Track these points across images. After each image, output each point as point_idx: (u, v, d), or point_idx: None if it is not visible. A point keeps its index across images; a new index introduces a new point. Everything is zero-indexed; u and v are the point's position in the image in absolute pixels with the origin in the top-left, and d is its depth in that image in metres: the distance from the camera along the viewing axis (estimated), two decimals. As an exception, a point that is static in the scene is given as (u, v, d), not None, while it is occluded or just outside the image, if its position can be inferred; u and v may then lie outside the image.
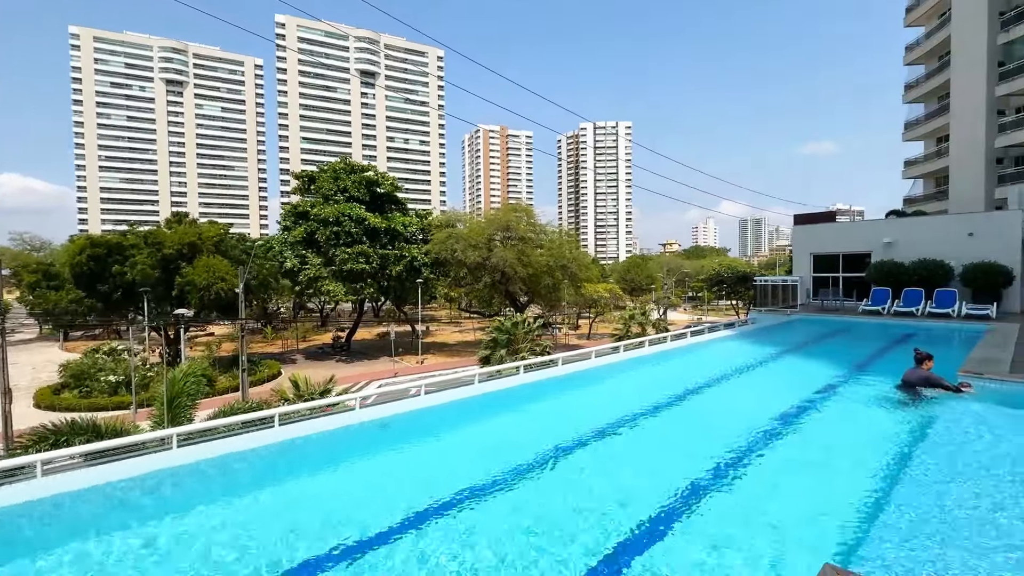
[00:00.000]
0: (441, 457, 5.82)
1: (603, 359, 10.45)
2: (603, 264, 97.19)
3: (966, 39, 30.95)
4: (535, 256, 37.49)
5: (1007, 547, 3.41)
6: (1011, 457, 5.17)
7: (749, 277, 51.78)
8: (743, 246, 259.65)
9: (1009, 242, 17.27)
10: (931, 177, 37.11)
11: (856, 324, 16.16)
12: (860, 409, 7.33)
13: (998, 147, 29.65)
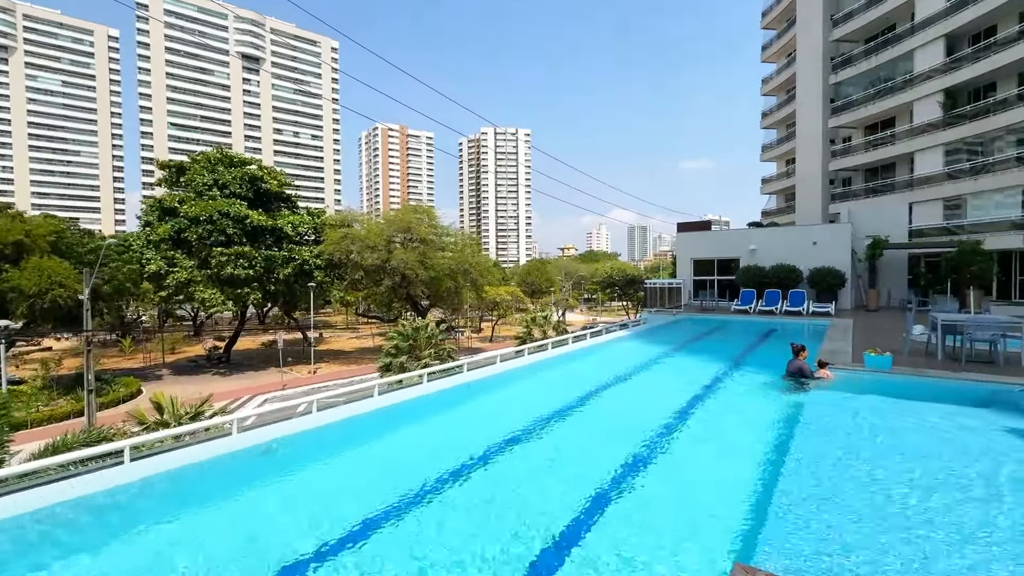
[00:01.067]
0: (336, 484, 5.19)
1: (508, 363, 10.34)
2: (504, 267, 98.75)
3: (806, 78, 36.31)
4: (437, 259, 36.79)
5: (879, 516, 3.81)
6: (867, 435, 5.94)
7: (637, 280, 55.98)
8: (631, 251, 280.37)
9: (842, 250, 20.43)
10: (782, 193, 42.96)
11: (730, 322, 17.98)
12: (744, 399, 8.05)
13: (831, 170, 35.17)
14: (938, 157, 27.82)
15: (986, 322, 9.58)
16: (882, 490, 4.43)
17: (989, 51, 25.19)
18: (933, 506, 4.11)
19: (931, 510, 4.04)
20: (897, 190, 30.09)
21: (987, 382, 7.79)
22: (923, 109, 28.57)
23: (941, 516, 3.91)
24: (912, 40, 28.87)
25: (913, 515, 3.95)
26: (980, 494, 4.32)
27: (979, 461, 5.08)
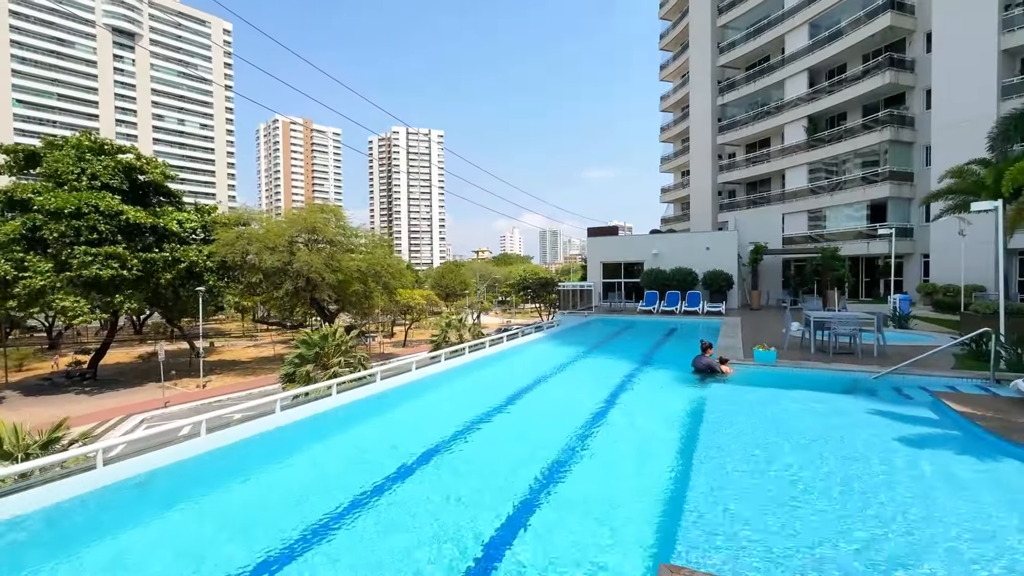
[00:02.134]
0: (229, 521, 4.57)
1: (425, 370, 9.99)
2: (418, 270, 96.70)
3: (698, 98, 39.79)
4: (346, 261, 34.89)
5: (786, 499, 4.12)
6: (764, 424, 6.49)
7: (550, 282, 57.57)
8: (543, 254, 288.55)
9: (730, 255, 22.53)
10: (679, 202, 46.71)
11: (636, 322, 19.03)
12: (658, 395, 8.47)
13: (719, 183, 38.83)
14: (803, 175, 31.87)
15: (847, 318, 11.04)
16: (784, 475, 4.83)
17: (841, 85, 29.34)
18: (825, 481, 4.60)
19: (824, 484, 4.51)
20: (772, 202, 34.00)
21: (850, 371, 8.96)
22: (791, 132, 32.59)
23: (834, 488, 4.38)
24: (782, 71, 32.81)
25: (810, 492, 4.36)
26: (856, 468, 4.88)
27: (852, 440, 5.76)
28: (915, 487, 4.52)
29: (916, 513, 4.04)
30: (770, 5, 33.89)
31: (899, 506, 4.15)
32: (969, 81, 23.18)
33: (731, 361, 9.50)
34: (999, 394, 7.33)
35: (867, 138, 27.73)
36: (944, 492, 4.47)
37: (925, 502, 4.24)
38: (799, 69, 31.49)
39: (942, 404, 6.84)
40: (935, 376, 8.47)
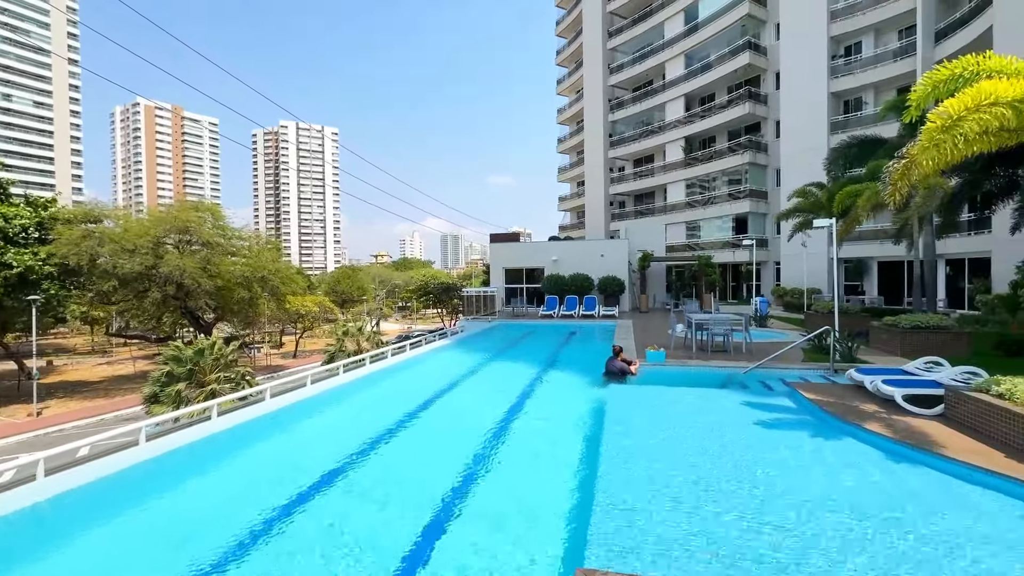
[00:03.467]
0: None
1: (321, 384, 9.31)
2: (310, 275, 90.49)
3: (592, 114, 42.30)
4: (226, 265, 31.49)
5: (677, 492, 4.45)
6: (661, 421, 6.99)
7: (452, 287, 57.25)
8: (445, 259, 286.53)
9: (622, 262, 24.19)
10: (575, 211, 49.19)
11: (539, 326, 19.60)
12: (562, 397, 8.74)
13: (611, 194, 41.56)
14: (682, 189, 35.34)
15: (720, 319, 12.39)
16: (683, 467, 5.24)
17: (711, 112, 33.06)
18: (718, 470, 5.12)
19: (718, 474, 4.99)
20: (657, 213, 37.20)
21: (725, 367, 10.05)
22: (672, 151, 35.97)
23: (726, 477, 4.84)
24: (664, 95, 36.13)
25: (709, 485, 4.76)
26: (738, 454, 5.46)
27: (732, 429, 6.43)
28: (779, 463, 5.22)
29: (781, 483, 4.79)
30: (652, 34, 37.22)
31: (769, 480, 4.86)
32: (807, 116, 27.46)
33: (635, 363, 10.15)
34: (837, 382, 8.70)
35: (732, 160, 31.57)
36: (800, 465, 5.29)
37: (787, 473, 5.06)
38: (677, 94, 34.95)
39: (796, 393, 7.94)
40: (790, 369, 9.82)
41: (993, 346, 11.74)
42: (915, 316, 12.00)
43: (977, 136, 4.97)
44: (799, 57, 27.91)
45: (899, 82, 24.79)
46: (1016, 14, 17.76)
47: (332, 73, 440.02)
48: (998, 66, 5.87)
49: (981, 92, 4.95)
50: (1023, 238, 13.84)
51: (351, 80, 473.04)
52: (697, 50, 33.71)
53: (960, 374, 7.26)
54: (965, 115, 4.82)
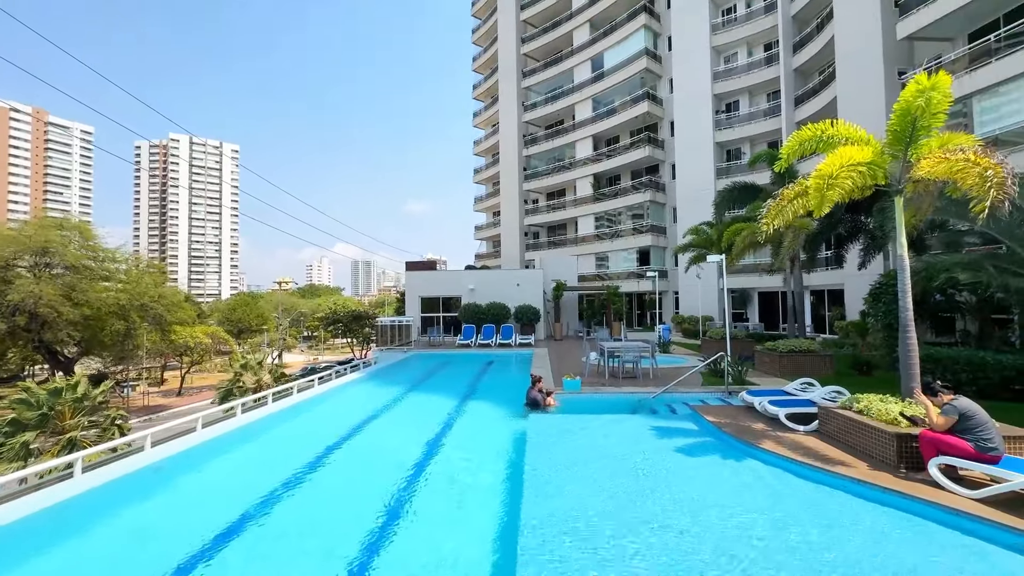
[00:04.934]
0: None
1: (214, 428, 8.37)
2: (201, 302, 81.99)
3: (507, 148, 43.75)
4: (97, 291, 27.55)
5: (598, 521, 4.53)
6: (579, 449, 7.13)
7: (363, 315, 54.88)
8: (355, 286, 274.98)
9: (537, 291, 24.87)
10: (491, 240, 49.94)
11: (456, 356, 19.37)
12: (482, 431, 8.61)
13: (526, 225, 42.87)
14: (591, 222, 37.42)
15: (630, 347, 13.12)
16: (603, 494, 5.36)
17: (616, 153, 35.71)
18: (635, 493, 5.25)
19: (635, 496, 5.13)
20: (568, 245, 38.92)
21: (635, 393, 10.61)
22: (581, 186, 38.13)
23: (642, 497, 5.01)
24: (574, 134, 38.44)
25: (630, 508, 4.89)
26: (652, 476, 5.72)
27: (644, 452, 6.75)
28: (685, 482, 5.55)
29: (687, 499, 5.19)
30: (563, 78, 39.77)
31: (678, 497, 5.22)
32: (697, 162, 30.70)
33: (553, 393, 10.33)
34: (732, 403, 9.55)
35: (635, 197, 34.18)
36: (702, 481, 5.67)
37: (692, 490, 5.41)
38: (586, 135, 37.39)
39: (698, 416, 8.58)
40: (692, 392, 10.62)
41: (850, 366, 13.64)
42: (790, 341, 13.63)
43: (846, 190, 5.91)
44: (689, 110, 31.32)
45: (769, 137, 28.72)
46: (852, 88, 21.54)
47: (237, 90, 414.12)
48: (844, 132, 7.05)
49: (844, 155, 5.93)
50: (868, 273, 16.41)
51: (259, 99, 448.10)
52: (603, 96, 36.51)
53: (828, 393, 8.33)
54: (839, 173, 5.75)
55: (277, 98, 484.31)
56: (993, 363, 9.33)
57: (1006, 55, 15.32)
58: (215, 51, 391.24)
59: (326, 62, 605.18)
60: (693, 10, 31.06)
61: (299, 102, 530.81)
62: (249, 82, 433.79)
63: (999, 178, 5.28)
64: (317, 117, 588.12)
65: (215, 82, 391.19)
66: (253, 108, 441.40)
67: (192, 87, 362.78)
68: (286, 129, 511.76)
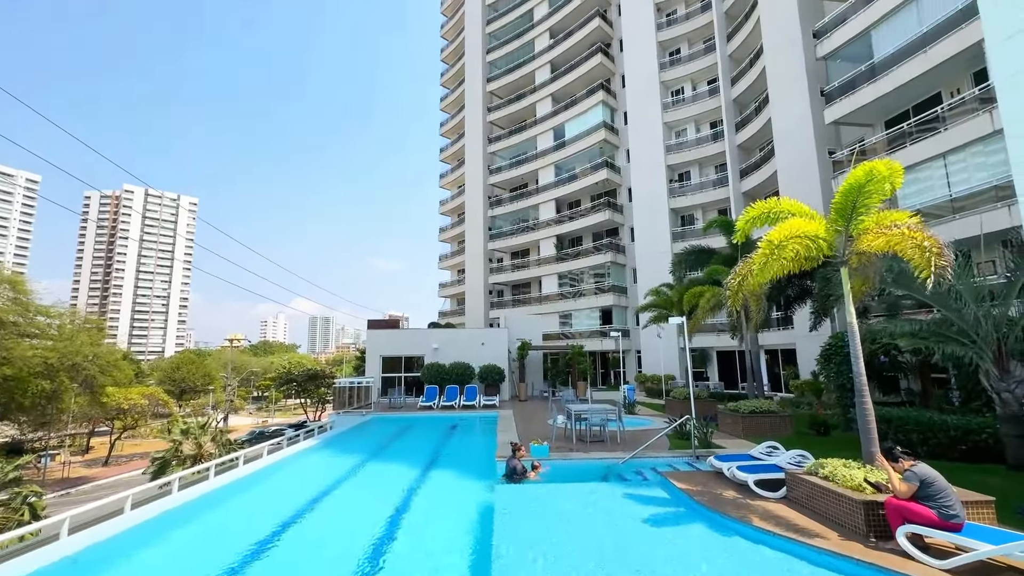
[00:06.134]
0: None
1: (144, 511, 7.51)
2: (141, 360, 76.65)
3: (473, 208, 44.80)
4: (21, 350, 25.32)
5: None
6: (551, 524, 6.77)
7: (320, 375, 52.38)
8: (312, 343, 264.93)
9: (502, 350, 24.63)
10: (455, 298, 49.83)
11: (418, 419, 18.57)
12: (446, 504, 8.07)
13: (490, 283, 43.18)
14: (555, 282, 38.11)
15: (596, 409, 12.99)
16: None
17: (578, 216, 37.15)
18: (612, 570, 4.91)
19: None
20: (533, 303, 39.28)
21: (604, 459, 10.38)
22: (545, 246, 39.14)
23: None
24: (537, 197, 39.92)
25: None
26: (624, 555, 5.45)
27: (616, 526, 6.49)
28: (663, 562, 5.31)
29: None
30: (527, 145, 41.84)
31: None
32: (654, 226, 32.28)
33: (504, 457, 9.94)
34: (701, 468, 9.46)
35: (596, 258, 35.29)
36: (679, 559, 5.41)
37: (670, 569, 5.07)
38: (549, 198, 38.91)
39: (668, 483, 8.42)
40: (660, 457, 10.49)
41: (808, 426, 13.94)
42: (751, 402, 13.88)
43: (792, 259, 6.27)
44: (645, 178, 33.32)
45: (719, 204, 30.74)
46: (789, 164, 23.59)
47: (197, 139, 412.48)
48: (790, 207, 7.60)
49: (792, 226, 6.36)
50: (818, 335, 17.24)
51: (222, 153, 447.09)
52: (565, 162, 38.47)
53: (793, 457, 8.40)
54: (785, 242, 6.11)
55: (241, 152, 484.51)
56: (940, 423, 9.74)
57: (919, 140, 17.30)
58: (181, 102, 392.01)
59: (297, 119, 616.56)
60: (645, 90, 33.86)
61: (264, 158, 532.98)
62: (212, 134, 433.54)
63: (937, 249, 5.75)
64: (281, 172, 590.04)
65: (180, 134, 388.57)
66: (215, 161, 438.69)
67: (151, 137, 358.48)
68: (248, 183, 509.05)
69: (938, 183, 16.89)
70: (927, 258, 5.61)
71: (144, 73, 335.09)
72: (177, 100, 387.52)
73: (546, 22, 40.86)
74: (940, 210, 16.51)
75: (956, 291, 9.40)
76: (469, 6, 48.26)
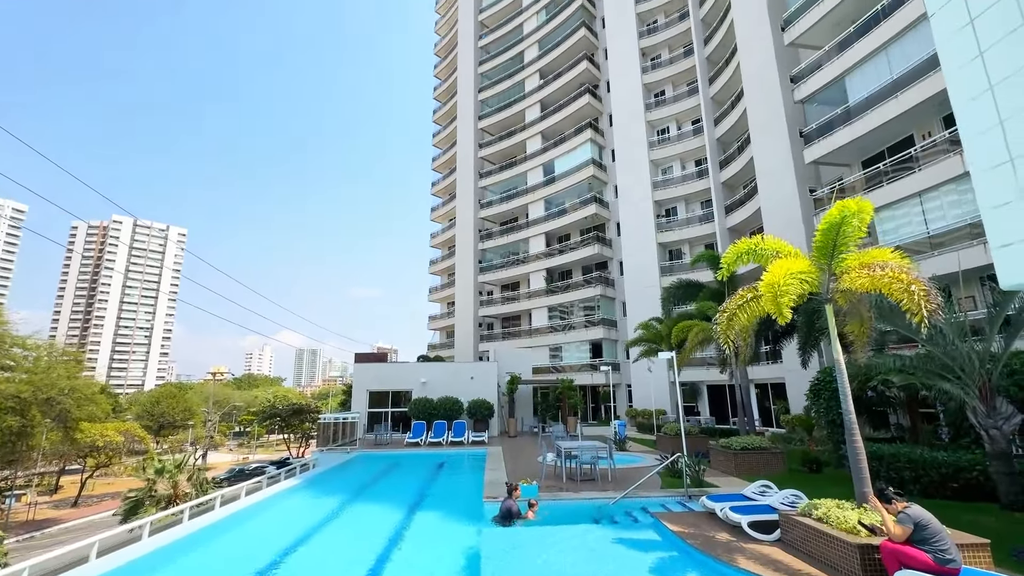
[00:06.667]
0: None
1: (112, 559, 7.12)
2: (120, 394, 74.31)
3: (463, 242, 45.10)
4: (-8, 384, 24.45)
5: None
6: (559, 571, 6.51)
7: (305, 409, 51.03)
8: (298, 376, 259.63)
9: (491, 384, 24.31)
10: (444, 330, 49.47)
11: (404, 457, 18.06)
12: (434, 550, 7.73)
13: (480, 316, 43.03)
14: (545, 315, 38.08)
15: (587, 447, 12.75)
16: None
17: (567, 250, 37.55)
18: None
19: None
20: (523, 336, 39.09)
21: (595, 499, 10.11)
22: (535, 279, 39.30)
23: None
24: (527, 231, 40.36)
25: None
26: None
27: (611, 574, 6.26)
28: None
29: None
30: (517, 180, 42.60)
31: None
32: (643, 260, 32.66)
33: (498, 497, 9.65)
34: (693, 508, 9.24)
35: (586, 291, 35.46)
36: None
37: None
38: (539, 232, 39.36)
39: (661, 525, 8.20)
40: (652, 496, 10.25)
41: (800, 463, 13.77)
42: (743, 439, 13.74)
43: (793, 296, 6.31)
44: (633, 214, 33.94)
45: (706, 239, 31.29)
46: (772, 201, 24.19)
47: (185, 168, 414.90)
48: (773, 245, 7.75)
49: (786, 266, 6.45)
50: (806, 369, 17.29)
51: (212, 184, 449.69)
52: (554, 197, 39.15)
53: (786, 497, 8.26)
54: (785, 283, 6.17)
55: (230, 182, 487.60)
56: (931, 460, 9.69)
57: (896, 179, 17.93)
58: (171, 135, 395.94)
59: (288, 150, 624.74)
60: (632, 129, 34.91)
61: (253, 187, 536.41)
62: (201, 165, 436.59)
63: (924, 292, 5.82)
64: (271, 202, 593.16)
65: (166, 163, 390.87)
66: (204, 191, 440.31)
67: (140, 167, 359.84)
68: (238, 212, 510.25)
69: (915, 220, 17.41)
70: (916, 301, 5.67)
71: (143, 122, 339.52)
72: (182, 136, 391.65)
73: (536, 63, 42.38)
74: (919, 246, 16.95)
75: (938, 326, 9.53)
76: (462, 48, 50.00)
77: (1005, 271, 2.47)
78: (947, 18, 2.82)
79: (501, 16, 47.97)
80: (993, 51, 2.46)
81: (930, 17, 3.00)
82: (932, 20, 2.98)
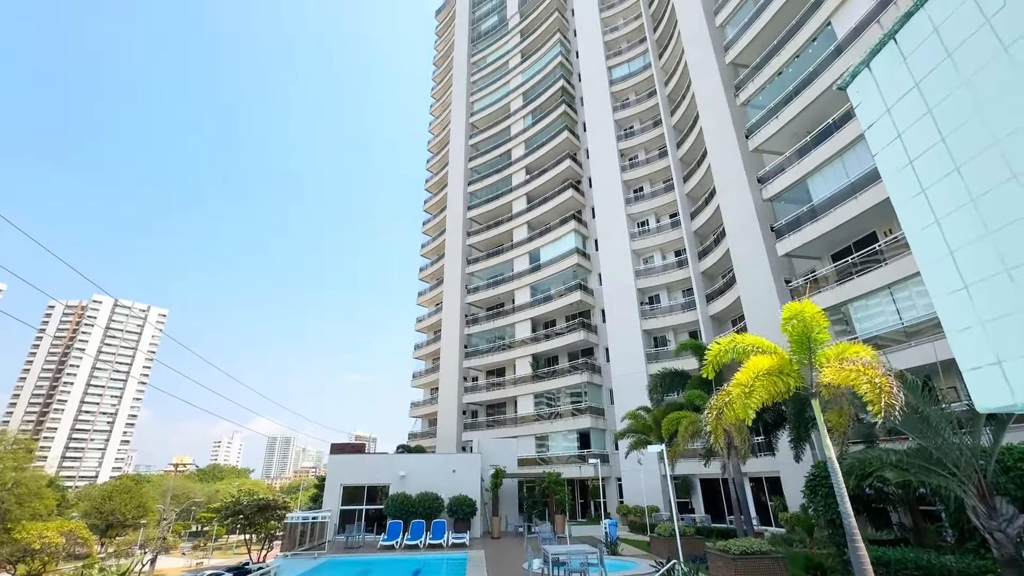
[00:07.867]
0: None
1: None
2: (70, 487, 68.45)
3: (449, 326, 45.08)
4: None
5: None
6: None
7: (272, 505, 47.11)
8: (268, 466, 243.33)
9: (474, 478, 23.00)
10: (427, 418, 47.68)
11: (377, 562, 16.49)
12: None
13: (465, 403, 41.85)
14: (530, 402, 37.16)
15: (576, 551, 11.84)
16: None
17: (553, 336, 37.63)
18: None
19: None
20: (508, 425, 37.79)
21: (586, 614, 9.18)
22: (521, 365, 38.85)
23: None
24: (513, 317, 40.64)
25: None
26: None
27: None
28: None
29: None
30: (503, 267, 43.69)
31: None
32: (628, 347, 32.72)
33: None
34: (693, 627, 8.41)
35: (572, 378, 34.98)
36: None
37: None
38: (524, 317, 39.64)
39: (659, 647, 7.39)
40: (648, 611, 9.35)
41: (803, 569, 12.87)
42: (741, 542, 12.90)
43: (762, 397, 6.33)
44: (617, 301, 34.60)
45: (689, 327, 31.70)
46: (750, 291, 24.98)
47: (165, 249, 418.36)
48: (752, 341, 7.89)
49: (757, 365, 6.52)
50: (801, 461, 16.78)
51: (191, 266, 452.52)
52: (540, 284, 39.97)
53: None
54: (753, 382, 6.22)
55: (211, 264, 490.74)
56: (940, 567, 9.13)
57: (865, 272, 18.79)
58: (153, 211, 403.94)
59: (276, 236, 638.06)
60: (613, 221, 36.72)
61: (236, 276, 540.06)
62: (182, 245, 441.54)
63: (888, 387, 5.91)
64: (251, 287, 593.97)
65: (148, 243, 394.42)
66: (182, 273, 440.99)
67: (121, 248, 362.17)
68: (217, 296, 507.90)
69: (888, 310, 18.01)
70: (877, 394, 5.75)
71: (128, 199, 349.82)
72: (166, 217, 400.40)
73: (522, 161, 45.41)
74: (896, 335, 17.37)
75: (925, 417, 9.48)
76: (454, 146, 53.67)
77: (978, 394, 2.53)
78: (888, 158, 3.16)
79: (490, 119, 52.14)
80: (934, 189, 2.73)
81: (874, 156, 3.36)
82: (876, 159, 3.33)
